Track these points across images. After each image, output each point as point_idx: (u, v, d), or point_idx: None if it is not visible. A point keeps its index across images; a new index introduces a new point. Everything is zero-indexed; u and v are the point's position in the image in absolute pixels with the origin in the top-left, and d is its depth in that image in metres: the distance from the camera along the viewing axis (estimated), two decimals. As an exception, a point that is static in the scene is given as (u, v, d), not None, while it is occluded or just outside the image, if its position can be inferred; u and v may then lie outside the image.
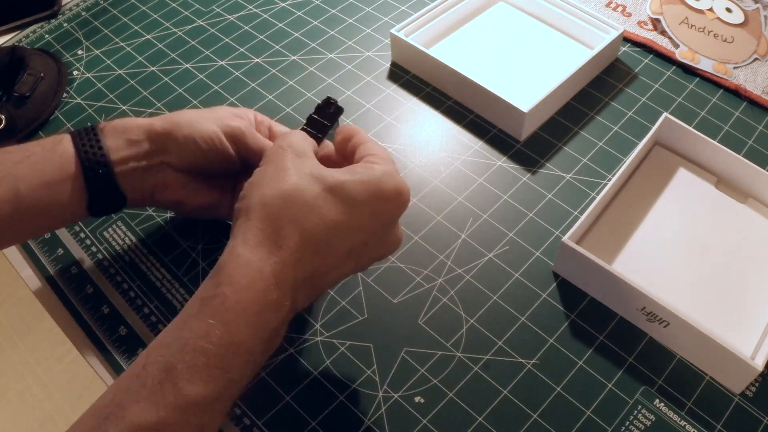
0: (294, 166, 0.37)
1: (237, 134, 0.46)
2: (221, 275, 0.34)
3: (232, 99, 0.64)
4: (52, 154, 0.44)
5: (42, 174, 0.43)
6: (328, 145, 0.45)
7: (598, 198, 0.51)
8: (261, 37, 0.70)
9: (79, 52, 0.70)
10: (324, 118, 0.48)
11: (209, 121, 0.46)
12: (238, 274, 0.33)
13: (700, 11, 0.69)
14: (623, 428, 0.44)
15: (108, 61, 0.69)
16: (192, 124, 0.45)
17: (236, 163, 0.48)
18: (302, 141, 0.40)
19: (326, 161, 0.42)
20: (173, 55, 0.69)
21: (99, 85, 0.66)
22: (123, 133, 0.45)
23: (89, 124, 0.45)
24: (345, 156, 0.42)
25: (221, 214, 0.50)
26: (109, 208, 0.46)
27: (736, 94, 0.63)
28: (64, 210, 0.44)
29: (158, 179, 0.46)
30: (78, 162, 0.43)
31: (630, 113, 0.62)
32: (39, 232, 0.50)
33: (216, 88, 0.65)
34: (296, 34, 0.70)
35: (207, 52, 0.69)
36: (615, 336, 0.48)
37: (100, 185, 0.44)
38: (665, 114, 0.56)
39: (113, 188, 0.45)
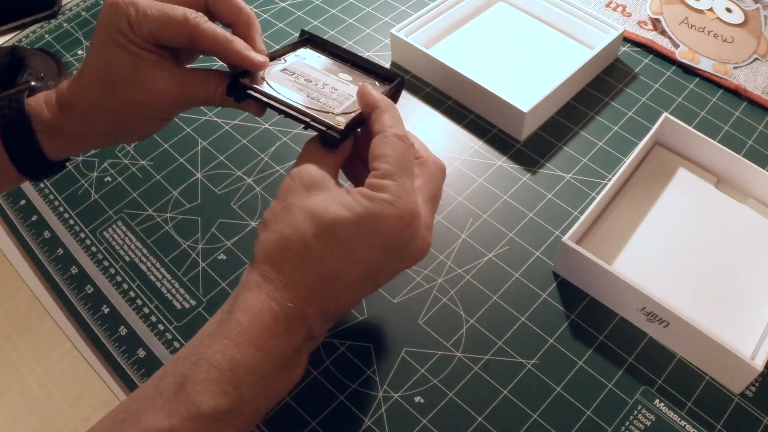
0: (299, 202, 0.37)
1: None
2: (237, 302, 0.35)
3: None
4: None
5: None
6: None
7: (598, 198, 0.51)
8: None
9: (79, 52, 0.70)
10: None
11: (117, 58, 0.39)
12: (250, 303, 0.35)
13: (700, 11, 0.69)
14: (623, 428, 0.44)
15: (108, 61, 0.69)
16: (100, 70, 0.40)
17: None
18: (314, 169, 0.38)
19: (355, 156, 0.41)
20: (173, 55, 0.69)
21: (99, 85, 0.66)
22: (47, 98, 0.41)
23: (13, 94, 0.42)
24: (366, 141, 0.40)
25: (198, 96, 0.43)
26: (40, 167, 0.42)
27: (736, 94, 0.63)
28: None
29: (85, 114, 0.41)
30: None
31: (630, 113, 0.62)
32: None
33: (216, 88, 0.65)
34: (296, 34, 0.70)
35: (207, 52, 0.69)
36: (615, 336, 0.48)
37: (21, 149, 0.40)
38: (665, 114, 0.56)
39: (31, 141, 0.40)
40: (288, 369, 0.36)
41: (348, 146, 0.41)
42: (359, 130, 0.42)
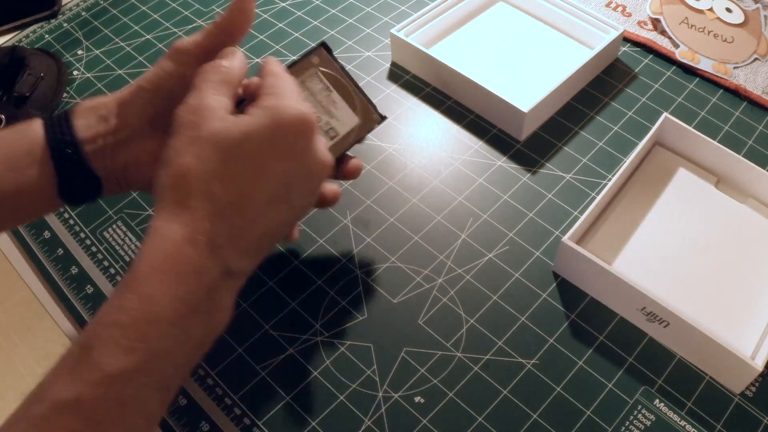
0: (194, 133, 0.35)
1: (180, 50, 0.41)
2: (140, 251, 0.33)
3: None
4: (21, 137, 0.41)
5: (9, 158, 0.40)
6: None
7: (598, 198, 0.51)
8: (261, 37, 0.70)
9: (79, 52, 0.70)
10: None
11: (160, 70, 0.42)
12: (150, 245, 0.33)
13: (700, 11, 0.69)
14: (623, 428, 0.44)
15: (108, 61, 0.69)
16: (146, 79, 0.42)
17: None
18: (209, 94, 0.37)
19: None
20: (173, 55, 0.69)
21: (99, 85, 0.66)
22: (94, 110, 0.42)
23: (63, 114, 0.42)
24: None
25: None
26: (84, 194, 0.43)
27: (736, 94, 0.63)
28: (36, 196, 0.42)
29: (129, 156, 0.42)
30: (47, 143, 0.40)
31: (630, 113, 0.62)
32: (11, 220, 0.46)
33: (216, 88, 0.65)
34: (296, 34, 0.70)
35: (207, 52, 0.69)
36: (615, 336, 0.48)
37: (68, 165, 0.41)
38: (665, 114, 0.56)
39: (84, 169, 0.41)
40: (204, 313, 0.34)
41: (247, 82, 0.40)
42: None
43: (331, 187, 0.45)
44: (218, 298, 0.35)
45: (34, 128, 0.41)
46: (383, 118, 0.47)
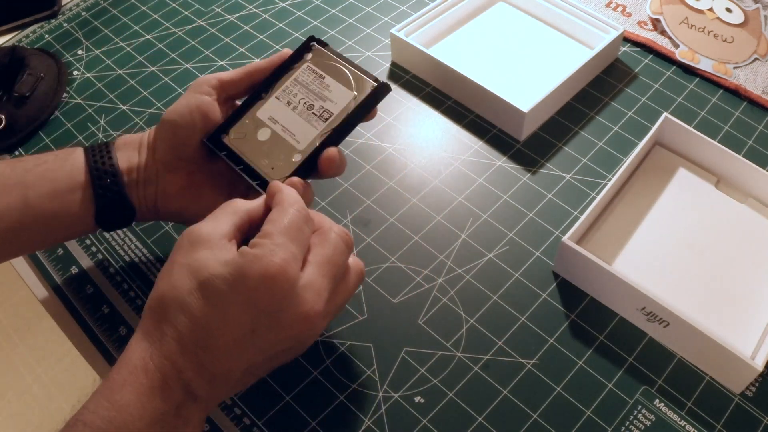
0: (182, 259, 0.37)
1: (203, 108, 0.46)
2: (118, 360, 0.36)
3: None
4: (63, 163, 0.44)
5: (52, 182, 0.44)
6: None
7: (598, 198, 0.51)
8: (261, 37, 0.70)
9: (79, 52, 0.70)
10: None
11: (183, 100, 0.46)
12: (126, 360, 0.35)
13: (700, 11, 0.69)
14: (623, 428, 0.44)
15: (108, 61, 0.69)
16: (170, 110, 0.46)
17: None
18: (212, 223, 0.38)
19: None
20: (173, 55, 0.69)
21: (99, 85, 0.66)
22: (130, 144, 0.46)
23: (104, 145, 0.46)
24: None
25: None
26: (119, 221, 0.46)
27: (736, 94, 0.63)
28: (73, 220, 0.45)
29: (159, 188, 0.46)
30: (87, 172, 0.44)
31: (630, 113, 0.62)
32: (47, 242, 0.49)
33: (216, 88, 0.65)
34: (296, 34, 0.70)
35: (207, 52, 0.69)
36: (615, 336, 0.48)
37: (108, 195, 0.44)
38: (665, 114, 0.56)
39: (121, 199, 0.45)
40: (172, 428, 0.35)
41: (253, 209, 0.40)
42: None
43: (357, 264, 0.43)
44: (188, 417, 0.36)
45: (76, 155, 0.45)
46: (379, 83, 0.46)
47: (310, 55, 0.48)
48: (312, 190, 0.45)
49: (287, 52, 0.49)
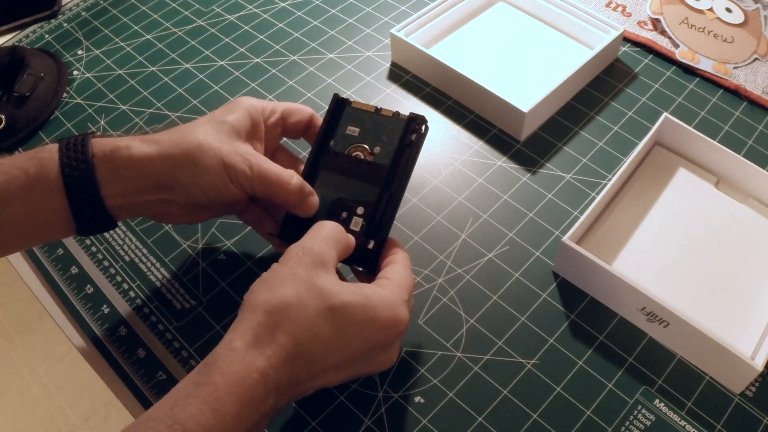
0: (306, 275, 0.38)
1: (241, 176, 0.43)
2: (216, 365, 0.35)
3: (232, 99, 0.64)
4: (37, 189, 0.41)
5: (28, 210, 0.41)
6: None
7: (598, 198, 0.51)
8: (261, 37, 0.70)
9: (79, 52, 0.70)
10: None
11: (213, 163, 0.42)
12: (231, 368, 0.35)
13: (700, 11, 0.69)
14: (623, 428, 0.44)
15: (108, 61, 0.69)
16: (195, 168, 0.42)
17: (246, 197, 0.47)
18: (326, 247, 0.40)
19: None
20: (173, 55, 0.69)
21: (99, 85, 0.66)
22: (117, 169, 0.42)
23: (80, 147, 0.42)
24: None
25: (231, 213, 0.50)
26: (101, 230, 0.45)
27: (736, 94, 0.63)
28: (53, 235, 0.44)
29: (160, 209, 0.45)
30: (68, 206, 0.41)
31: (630, 113, 0.62)
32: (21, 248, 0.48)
33: (216, 88, 0.65)
34: (296, 34, 0.70)
35: (207, 52, 0.69)
36: (615, 336, 0.48)
37: (91, 221, 0.43)
38: (665, 114, 0.56)
39: (105, 220, 0.43)
40: None
41: (352, 244, 0.43)
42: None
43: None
44: (263, 424, 0.37)
45: (52, 184, 0.41)
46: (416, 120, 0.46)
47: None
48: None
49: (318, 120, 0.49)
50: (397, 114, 0.47)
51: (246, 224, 0.52)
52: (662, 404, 0.44)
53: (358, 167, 0.46)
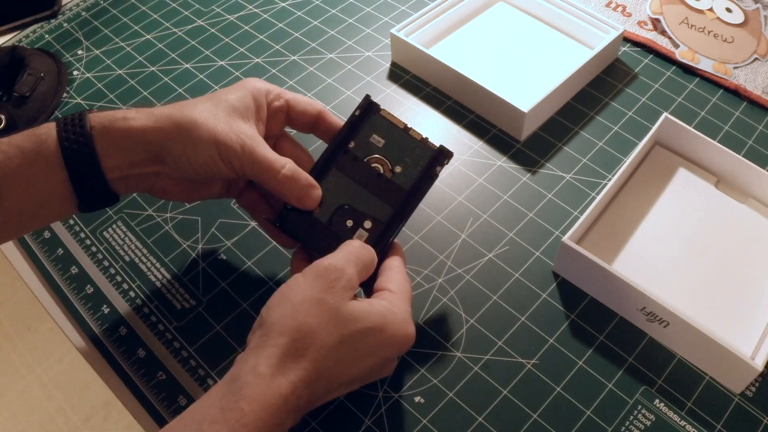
0: (334, 302, 0.39)
1: (232, 155, 0.42)
2: (242, 391, 0.35)
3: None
4: (36, 165, 0.41)
5: (27, 188, 0.41)
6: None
7: (598, 198, 0.51)
8: (261, 37, 0.70)
9: (79, 52, 0.70)
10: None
11: (205, 138, 0.42)
12: (258, 394, 0.35)
13: (700, 11, 0.69)
14: (623, 428, 0.44)
15: (108, 61, 0.69)
16: (187, 141, 0.42)
17: (240, 180, 0.47)
18: (356, 272, 0.40)
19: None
20: (173, 55, 0.69)
21: (99, 85, 0.66)
22: (115, 140, 0.42)
23: (78, 121, 0.41)
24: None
25: (228, 196, 0.50)
26: (102, 205, 0.44)
27: (736, 94, 0.63)
28: (53, 214, 0.44)
29: (155, 184, 0.45)
30: (68, 179, 0.41)
31: (630, 113, 0.62)
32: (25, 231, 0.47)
33: (216, 88, 0.65)
34: (296, 34, 0.70)
35: (207, 52, 0.69)
36: (615, 336, 0.48)
37: (92, 195, 0.43)
38: (665, 114, 0.56)
39: (105, 193, 0.43)
40: None
41: (373, 268, 0.43)
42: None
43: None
44: None
45: (50, 160, 0.41)
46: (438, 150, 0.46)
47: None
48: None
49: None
50: (425, 140, 0.45)
51: (243, 209, 0.52)
52: (662, 404, 0.44)
53: (375, 180, 0.45)
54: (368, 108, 0.46)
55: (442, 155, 0.45)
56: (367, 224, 0.44)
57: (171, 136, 0.42)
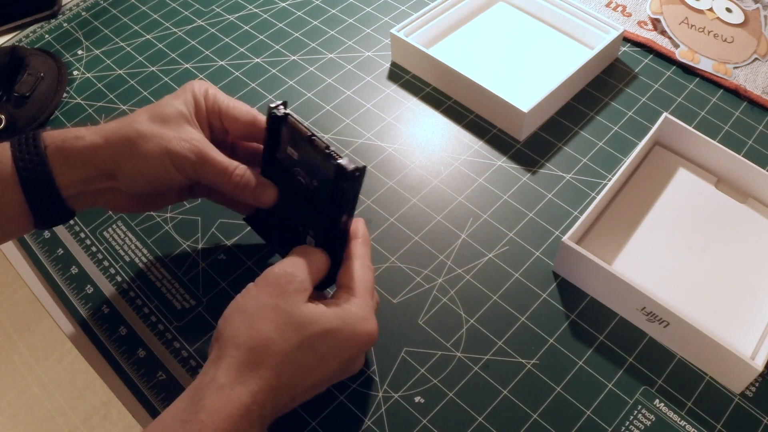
0: (287, 306, 0.38)
1: (186, 163, 0.43)
2: (202, 402, 0.35)
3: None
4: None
5: None
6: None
7: (598, 198, 0.51)
8: (261, 37, 0.70)
9: (79, 52, 0.70)
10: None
11: (156, 151, 0.42)
12: (217, 405, 0.35)
13: (700, 11, 0.69)
14: (623, 428, 0.44)
15: (108, 61, 0.69)
16: (138, 155, 0.42)
17: (193, 184, 0.47)
18: (308, 274, 0.40)
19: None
20: (173, 55, 0.69)
21: (99, 85, 0.66)
22: (68, 159, 0.42)
23: (32, 141, 0.42)
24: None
25: (191, 197, 0.51)
26: (58, 222, 0.45)
27: (736, 94, 0.63)
28: (9, 232, 0.44)
29: (110, 198, 0.45)
30: (24, 199, 0.42)
31: (630, 113, 0.62)
32: None
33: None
34: (296, 34, 0.70)
35: (207, 52, 0.69)
36: (615, 336, 0.48)
37: (48, 213, 0.43)
38: (665, 114, 0.56)
39: (61, 211, 0.43)
40: None
41: (326, 270, 0.43)
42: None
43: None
44: None
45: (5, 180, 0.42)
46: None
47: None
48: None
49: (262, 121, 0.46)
50: (328, 153, 0.40)
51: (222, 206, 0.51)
52: (662, 404, 0.44)
53: (303, 191, 0.44)
54: (273, 121, 0.44)
55: (341, 178, 0.40)
56: (311, 231, 0.44)
57: (121, 152, 0.42)
